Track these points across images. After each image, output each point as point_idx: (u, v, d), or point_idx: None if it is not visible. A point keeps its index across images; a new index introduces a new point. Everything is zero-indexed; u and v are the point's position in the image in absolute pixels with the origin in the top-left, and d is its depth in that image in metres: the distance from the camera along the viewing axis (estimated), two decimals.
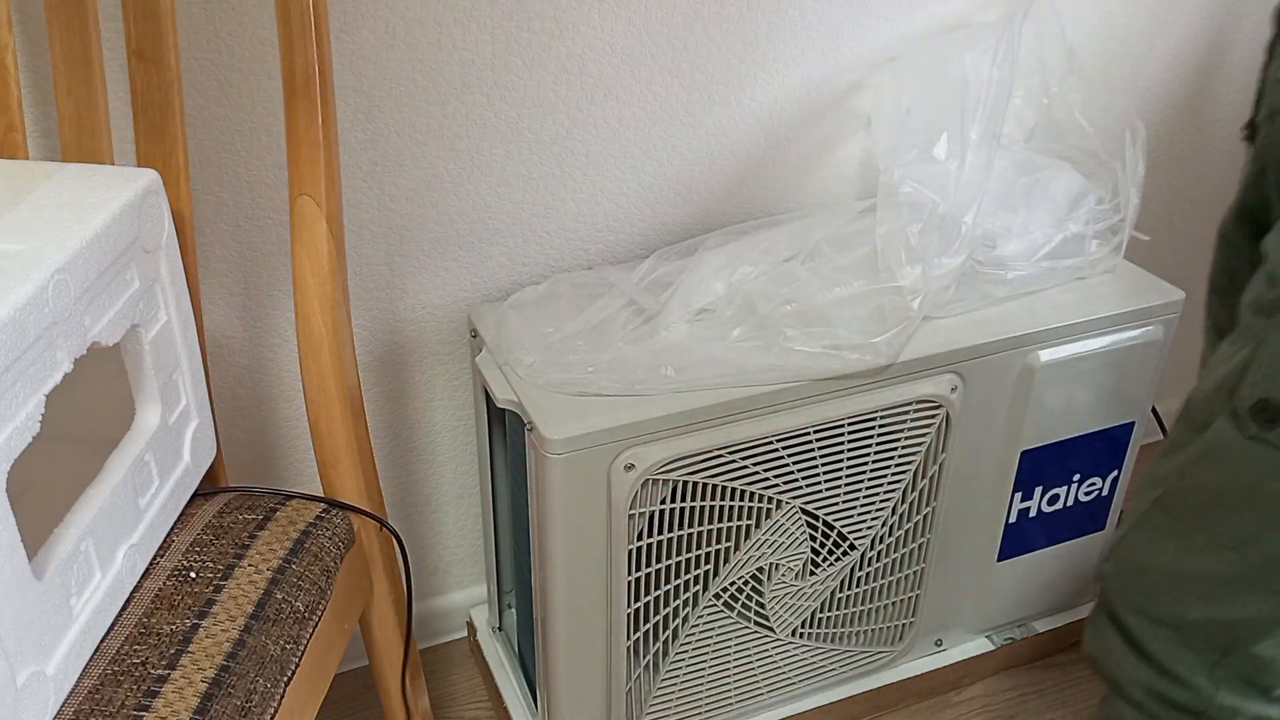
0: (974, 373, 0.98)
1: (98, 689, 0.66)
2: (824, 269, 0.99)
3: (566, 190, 1.04)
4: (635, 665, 0.99)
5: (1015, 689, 1.19)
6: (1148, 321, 1.04)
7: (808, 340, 0.92)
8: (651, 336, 0.93)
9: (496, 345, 0.94)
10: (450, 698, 1.19)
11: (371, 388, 1.07)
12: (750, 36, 1.03)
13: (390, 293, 1.03)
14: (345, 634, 0.84)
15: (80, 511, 0.67)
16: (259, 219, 0.96)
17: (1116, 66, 1.23)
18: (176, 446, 0.78)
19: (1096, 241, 1.05)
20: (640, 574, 0.93)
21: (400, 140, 0.96)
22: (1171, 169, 1.35)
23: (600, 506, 0.89)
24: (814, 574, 1.01)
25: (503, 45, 0.95)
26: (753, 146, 1.10)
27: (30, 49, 0.84)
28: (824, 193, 1.15)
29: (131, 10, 0.79)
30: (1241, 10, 1.26)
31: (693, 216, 1.11)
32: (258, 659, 0.71)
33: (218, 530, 0.79)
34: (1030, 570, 1.15)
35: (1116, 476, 1.12)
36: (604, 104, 1.01)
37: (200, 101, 0.89)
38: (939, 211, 0.97)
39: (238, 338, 1.00)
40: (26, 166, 0.73)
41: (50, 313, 0.60)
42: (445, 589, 1.24)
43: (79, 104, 0.80)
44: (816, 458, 0.94)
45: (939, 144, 1.01)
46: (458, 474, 1.16)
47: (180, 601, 0.73)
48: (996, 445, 1.04)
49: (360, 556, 0.87)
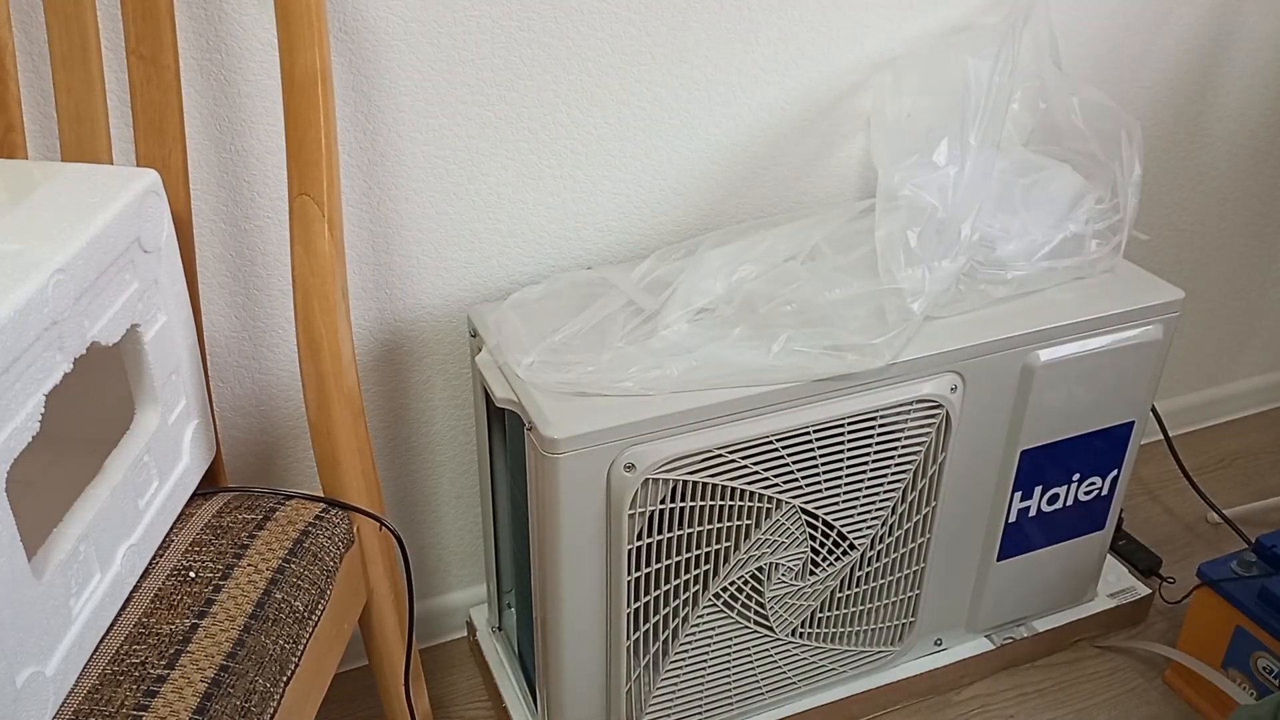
0: (974, 373, 0.98)
1: (97, 689, 0.66)
2: (824, 269, 0.99)
3: (566, 190, 1.04)
4: (635, 665, 0.99)
5: (1015, 689, 1.19)
6: (1147, 321, 1.04)
7: (808, 340, 0.92)
8: (651, 336, 0.93)
9: (496, 345, 0.94)
10: (450, 698, 1.19)
11: (371, 388, 1.07)
12: (751, 36, 1.03)
13: (390, 293, 1.03)
14: (345, 634, 0.84)
15: (80, 512, 0.67)
16: (259, 219, 0.96)
17: (1116, 67, 1.23)
18: (176, 446, 0.78)
19: (1096, 241, 1.05)
20: (640, 574, 0.93)
21: (400, 140, 0.96)
22: (1171, 169, 1.35)
23: (600, 506, 0.89)
24: (814, 574, 1.01)
25: (503, 45, 0.95)
26: (753, 146, 1.10)
27: (30, 49, 0.84)
28: (824, 193, 1.15)
29: (131, 10, 0.79)
30: (1242, 10, 1.26)
31: (693, 216, 1.11)
32: (257, 659, 0.71)
33: (217, 530, 0.79)
34: (1030, 570, 1.15)
35: (1116, 476, 1.12)
36: (604, 104, 1.01)
37: (200, 101, 0.89)
38: (938, 217, 0.97)
39: (238, 338, 1.00)
40: (26, 166, 0.73)
41: (50, 313, 0.60)
42: (445, 589, 1.24)
43: (78, 104, 0.80)
44: (816, 458, 0.94)
45: (939, 148, 1.01)
46: (458, 474, 1.16)
47: (180, 601, 0.73)
48: (996, 445, 1.04)
49: (360, 556, 0.87)
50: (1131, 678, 1.20)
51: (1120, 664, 1.22)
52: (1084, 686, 1.19)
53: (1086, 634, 1.23)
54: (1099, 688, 1.19)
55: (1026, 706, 1.17)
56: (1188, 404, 1.56)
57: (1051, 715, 1.16)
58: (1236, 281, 1.49)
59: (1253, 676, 1.11)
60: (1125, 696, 1.18)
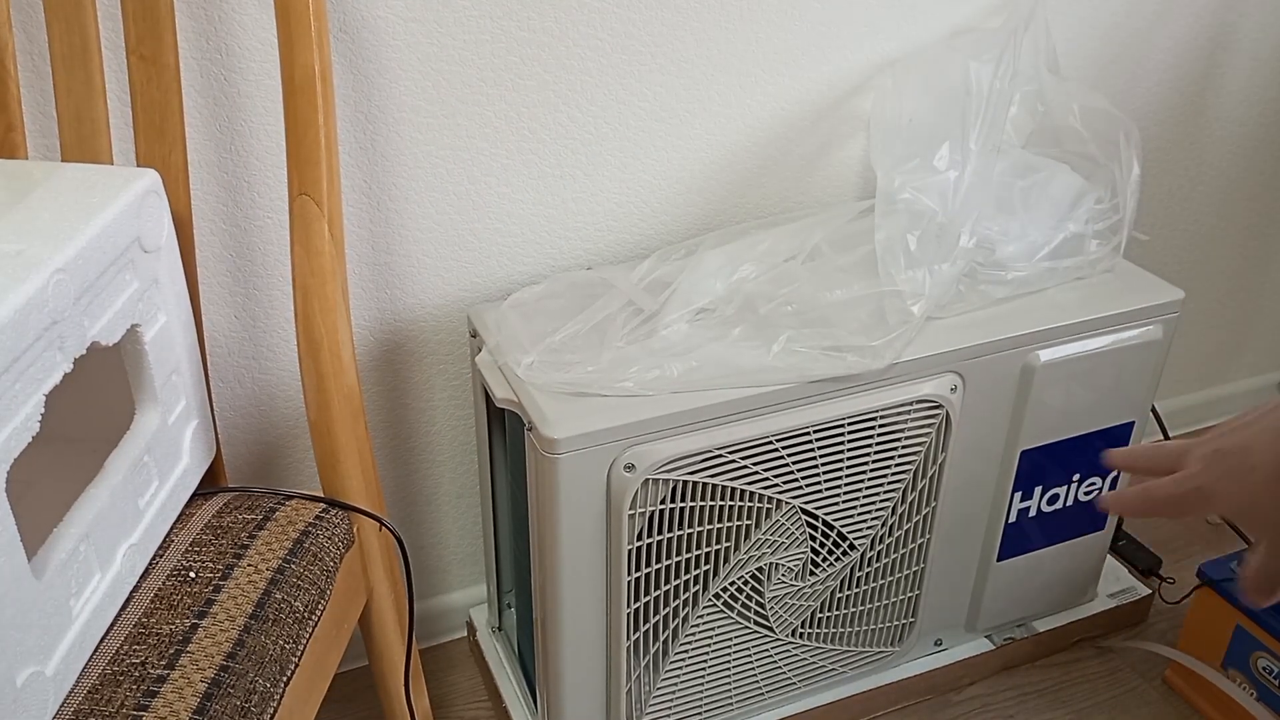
0: (974, 373, 0.98)
1: (97, 689, 0.66)
2: (824, 270, 0.99)
3: (566, 190, 1.04)
4: (635, 665, 0.99)
5: (1015, 689, 1.19)
6: (1147, 321, 1.04)
7: (808, 341, 0.92)
8: (651, 336, 0.93)
9: (496, 345, 0.94)
10: (450, 698, 1.19)
11: (371, 388, 1.07)
12: (751, 36, 1.03)
13: (390, 293, 1.03)
14: (345, 634, 0.84)
15: (80, 511, 0.67)
16: (259, 219, 0.96)
17: (1117, 66, 1.23)
18: (176, 446, 0.78)
19: (1096, 241, 1.05)
20: (640, 574, 0.93)
21: (400, 140, 0.96)
22: (1171, 169, 1.35)
23: (600, 506, 0.89)
24: (814, 574, 1.01)
25: (503, 45, 0.95)
26: (753, 147, 1.10)
27: (30, 49, 0.84)
28: (824, 193, 1.15)
29: (131, 10, 0.79)
30: (1241, 10, 1.26)
31: (693, 216, 1.11)
32: (257, 659, 0.71)
33: (217, 530, 0.79)
34: (1030, 570, 1.15)
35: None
36: (604, 104, 1.01)
37: (200, 101, 0.89)
38: (937, 221, 0.97)
39: (238, 338, 1.00)
40: (26, 166, 0.73)
41: (50, 313, 0.60)
42: (445, 589, 1.24)
43: (78, 104, 0.80)
44: (816, 458, 0.94)
45: (940, 152, 1.01)
46: (458, 474, 1.16)
47: (180, 601, 0.73)
48: (996, 445, 1.04)
49: (360, 556, 0.87)
50: (1131, 678, 1.20)
51: (1120, 664, 1.22)
52: (1084, 686, 1.19)
53: (1086, 634, 1.23)
54: (1099, 688, 1.19)
55: (1026, 706, 1.17)
56: (1188, 404, 1.56)
57: (1051, 715, 1.16)
58: (1236, 281, 1.49)
59: (1253, 676, 1.11)
60: (1125, 696, 1.18)
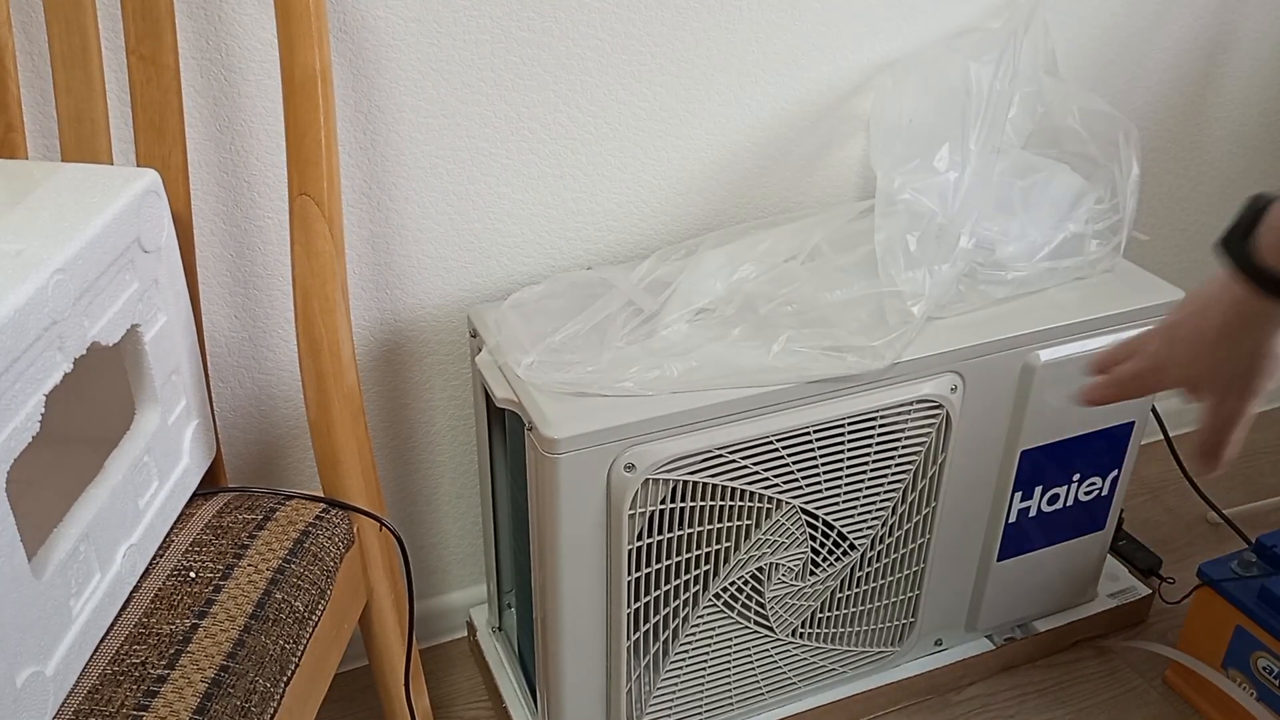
0: (974, 373, 0.98)
1: (97, 689, 0.66)
2: (824, 270, 0.99)
3: (566, 190, 1.04)
4: (635, 665, 0.99)
5: (1015, 689, 1.19)
6: (1148, 321, 1.03)
7: (808, 341, 0.92)
8: (651, 336, 0.93)
9: (496, 345, 0.94)
10: (450, 698, 1.19)
11: (371, 388, 1.07)
12: (751, 36, 1.03)
13: (390, 293, 1.03)
14: (345, 634, 0.84)
15: (80, 511, 0.67)
16: (259, 219, 0.96)
17: (1117, 66, 1.23)
18: (176, 446, 0.78)
19: (1096, 241, 1.05)
20: (640, 574, 0.93)
21: (400, 140, 0.96)
22: (1171, 169, 1.35)
23: (600, 506, 0.89)
24: (814, 574, 1.01)
25: (503, 45, 0.95)
26: (753, 147, 1.10)
27: (30, 49, 0.84)
28: (824, 193, 1.15)
29: (131, 10, 0.79)
30: (1241, 10, 1.26)
31: (693, 216, 1.11)
32: (257, 659, 0.71)
33: (217, 530, 0.79)
34: (1030, 570, 1.15)
35: (1116, 476, 1.12)
36: (604, 104, 1.01)
37: (200, 101, 0.89)
38: (937, 221, 0.97)
39: (238, 338, 1.00)
40: (26, 166, 0.73)
41: (50, 313, 0.60)
42: (445, 589, 1.24)
43: (78, 104, 0.80)
44: (816, 458, 0.94)
45: (939, 153, 1.01)
46: (458, 474, 1.16)
47: (180, 601, 0.73)
48: (996, 445, 1.04)
49: (360, 556, 0.87)
50: (1131, 678, 1.20)
51: (1120, 664, 1.22)
52: (1084, 686, 1.19)
53: (1086, 634, 1.23)
54: (1099, 688, 1.19)
55: (1026, 706, 1.17)
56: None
57: (1051, 715, 1.16)
58: None
59: (1253, 676, 1.11)
60: (1125, 696, 1.18)
